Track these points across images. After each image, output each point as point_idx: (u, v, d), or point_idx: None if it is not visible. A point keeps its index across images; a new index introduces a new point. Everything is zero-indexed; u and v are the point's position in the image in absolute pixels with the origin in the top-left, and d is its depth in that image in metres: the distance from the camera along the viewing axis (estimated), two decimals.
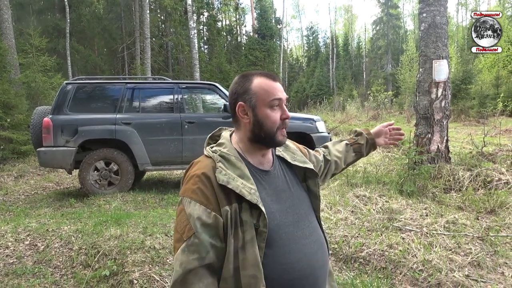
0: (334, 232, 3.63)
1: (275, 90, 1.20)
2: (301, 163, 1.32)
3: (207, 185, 1.11)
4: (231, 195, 1.10)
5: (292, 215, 1.19)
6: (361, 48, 48.22)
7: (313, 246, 1.19)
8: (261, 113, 1.19)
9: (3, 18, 11.26)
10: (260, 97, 1.20)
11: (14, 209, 5.50)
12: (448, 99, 5.45)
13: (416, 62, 24.24)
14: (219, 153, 1.19)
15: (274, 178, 1.24)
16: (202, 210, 1.08)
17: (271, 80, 1.21)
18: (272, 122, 1.19)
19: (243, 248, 1.07)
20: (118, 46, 22.13)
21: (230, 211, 1.08)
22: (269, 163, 1.27)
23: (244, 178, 1.14)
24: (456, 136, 9.77)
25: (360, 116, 19.37)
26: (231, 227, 1.08)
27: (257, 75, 1.23)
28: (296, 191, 1.27)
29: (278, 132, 1.20)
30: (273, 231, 1.11)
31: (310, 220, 1.25)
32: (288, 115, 1.22)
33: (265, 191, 1.17)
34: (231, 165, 1.16)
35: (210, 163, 1.17)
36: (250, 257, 1.06)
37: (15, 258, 3.34)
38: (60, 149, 5.73)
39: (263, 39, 32.38)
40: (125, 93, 6.13)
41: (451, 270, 2.91)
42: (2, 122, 8.66)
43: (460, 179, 5.02)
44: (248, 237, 1.07)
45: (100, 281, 2.99)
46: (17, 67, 11.47)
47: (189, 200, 1.11)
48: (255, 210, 1.10)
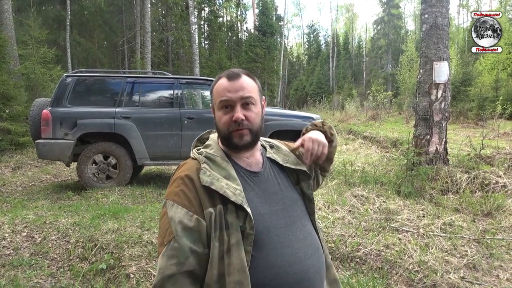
0: (331, 231, 3.64)
1: (224, 91, 1.15)
2: (294, 165, 1.28)
3: (190, 187, 1.09)
4: (215, 196, 1.07)
5: (284, 218, 1.14)
6: (362, 47, 48.23)
7: (307, 250, 1.14)
8: (216, 114, 1.19)
9: (3, 8, 11.18)
10: (213, 99, 1.19)
11: (11, 201, 5.49)
12: (448, 100, 5.46)
13: (416, 63, 24.27)
14: (205, 154, 1.17)
15: (264, 179, 1.20)
16: (184, 213, 1.05)
17: (227, 80, 1.17)
18: (222, 124, 1.16)
19: (228, 252, 1.03)
20: (118, 39, 22.03)
21: (215, 213, 1.05)
22: (258, 165, 1.23)
23: (229, 179, 1.11)
24: (454, 138, 9.79)
25: (359, 116, 19.40)
26: (215, 230, 1.04)
27: (222, 76, 1.20)
28: (289, 193, 1.22)
29: (232, 134, 1.15)
30: (263, 234, 1.08)
31: (304, 223, 1.20)
32: (237, 116, 1.13)
33: (253, 193, 1.14)
34: (217, 166, 1.14)
35: (194, 165, 1.15)
36: (235, 262, 1.01)
37: (12, 249, 3.34)
38: (59, 142, 5.72)
39: (263, 36, 32.31)
40: (125, 87, 6.11)
41: (446, 272, 2.93)
42: (1, 113, 8.62)
43: (457, 181, 5.03)
44: (234, 240, 1.03)
45: (97, 274, 3.00)
46: (16, 58, 11.40)
47: (171, 203, 1.08)
48: (241, 211, 1.06)
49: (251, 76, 1.22)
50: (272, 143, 1.36)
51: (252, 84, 1.19)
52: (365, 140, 11.57)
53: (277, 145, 1.36)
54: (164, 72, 7.45)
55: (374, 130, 12.87)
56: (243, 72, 1.19)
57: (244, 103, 1.15)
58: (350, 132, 13.68)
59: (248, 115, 1.15)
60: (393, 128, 14.06)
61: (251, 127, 1.16)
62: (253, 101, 1.17)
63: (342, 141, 12.07)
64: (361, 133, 12.78)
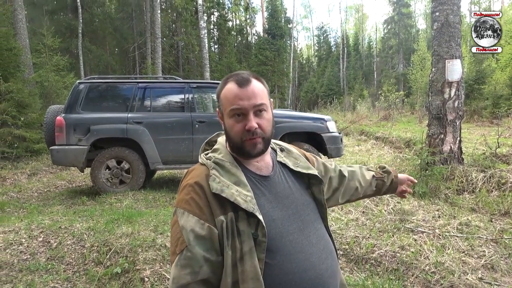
0: (345, 232, 3.61)
1: (236, 98, 1.10)
2: (304, 169, 1.25)
3: (200, 195, 1.06)
4: (226, 203, 1.04)
5: (296, 222, 1.12)
6: (372, 47, 47.87)
7: (321, 255, 1.12)
8: (226, 122, 1.14)
9: (18, 18, 11.43)
10: (223, 106, 1.14)
11: (27, 206, 5.58)
12: (461, 99, 5.38)
13: (428, 62, 23.99)
14: (213, 160, 1.14)
15: (275, 183, 1.16)
16: (195, 222, 1.03)
17: (237, 86, 1.11)
18: (234, 133, 1.12)
19: (241, 260, 1.01)
20: (129, 46, 22.32)
21: (226, 221, 1.03)
22: (268, 169, 1.19)
23: (240, 185, 1.08)
24: (469, 137, 9.63)
25: (371, 116, 19.25)
26: (228, 238, 1.02)
27: (230, 80, 1.15)
28: (300, 197, 1.19)
29: (245, 143, 1.11)
30: (275, 240, 1.05)
31: (317, 227, 1.18)
32: (250, 125, 1.09)
33: (264, 198, 1.11)
34: (226, 171, 1.11)
35: (203, 171, 1.12)
36: (249, 270, 0.99)
37: (28, 254, 3.39)
38: (73, 148, 5.80)
39: (273, 38, 32.34)
40: (136, 93, 6.17)
41: (464, 273, 2.87)
42: (16, 121, 8.79)
43: (473, 181, 4.95)
44: (246, 248, 1.01)
45: (112, 278, 3.02)
46: (30, 66, 11.64)
47: (182, 211, 1.06)
48: (252, 219, 1.03)
49: (259, 80, 1.17)
50: (283, 146, 1.33)
51: (262, 88, 1.15)
52: (378, 141, 11.46)
53: (288, 148, 1.33)
54: (175, 76, 7.50)
55: (386, 130, 12.75)
56: (251, 76, 1.15)
57: (256, 110, 1.11)
58: (362, 133, 13.58)
59: (261, 123, 1.12)
60: (406, 128, 13.91)
61: (264, 135, 1.13)
62: (265, 108, 1.14)
63: (354, 142, 11.99)
64: (373, 133, 12.67)
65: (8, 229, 3.80)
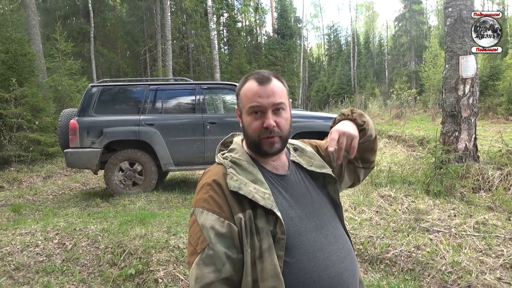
0: (358, 232, 3.57)
1: (255, 96, 1.11)
2: (318, 168, 1.23)
3: (219, 193, 1.06)
4: (244, 201, 1.04)
5: (314, 221, 1.11)
6: (383, 45, 47.42)
7: (340, 253, 1.11)
8: (244, 119, 1.15)
9: (31, 24, 11.64)
10: (242, 103, 1.15)
11: (43, 209, 5.66)
12: (476, 96, 5.28)
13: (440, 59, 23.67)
14: (230, 159, 1.15)
15: (292, 183, 1.17)
16: (215, 219, 1.02)
17: (257, 83, 1.12)
18: (252, 130, 1.12)
19: (260, 258, 1.00)
20: (140, 48, 22.51)
21: (244, 218, 1.03)
22: (284, 168, 1.20)
23: (257, 183, 1.08)
24: (484, 134, 9.46)
25: (382, 115, 19.06)
26: (247, 236, 1.02)
27: (250, 78, 1.15)
28: (317, 196, 1.19)
29: (262, 141, 1.12)
30: (294, 238, 1.05)
31: (335, 226, 1.17)
32: (269, 123, 1.10)
33: (281, 196, 1.11)
34: (243, 170, 1.11)
35: (221, 170, 1.13)
36: (268, 267, 0.99)
37: (44, 256, 3.43)
38: (86, 150, 5.87)
39: (282, 38, 32.27)
40: (148, 95, 6.22)
41: (481, 273, 2.81)
42: (31, 125, 8.95)
43: (489, 179, 4.85)
44: (266, 245, 1.01)
45: (126, 279, 3.04)
46: (44, 71, 11.83)
47: (201, 210, 1.06)
48: (271, 216, 1.03)
49: (280, 79, 1.18)
50: (296, 145, 1.32)
51: (282, 88, 1.16)
52: (390, 139, 11.33)
53: (301, 147, 1.31)
54: (186, 78, 7.54)
55: (399, 129, 12.61)
56: (272, 75, 1.15)
57: (275, 109, 1.12)
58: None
59: (279, 121, 1.12)
60: (419, 126, 13.73)
61: (282, 134, 1.13)
62: (284, 107, 1.14)
63: None
64: (385, 132, 12.52)
65: (24, 231, 3.86)
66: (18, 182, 7.70)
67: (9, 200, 6.35)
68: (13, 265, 3.27)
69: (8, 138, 8.45)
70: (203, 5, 22.03)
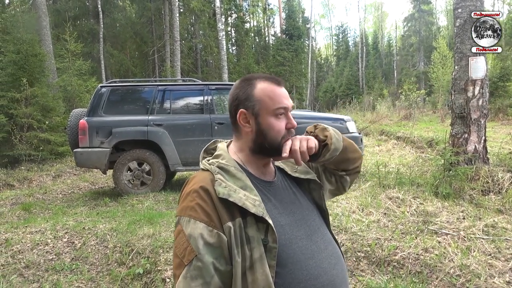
0: (366, 234, 3.55)
1: (281, 97, 1.10)
2: (303, 174, 1.22)
3: (207, 200, 1.00)
4: (234, 209, 0.99)
5: (304, 228, 1.09)
6: (392, 46, 47.13)
7: (331, 260, 1.09)
8: (264, 122, 1.10)
9: (42, 25, 11.77)
10: (264, 105, 1.09)
11: (52, 208, 5.73)
12: (486, 97, 5.23)
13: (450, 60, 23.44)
14: (217, 165, 1.09)
15: (279, 189, 1.14)
16: (203, 228, 0.96)
17: (276, 85, 1.11)
18: (276, 132, 1.09)
19: (251, 268, 0.96)
20: (149, 49, 22.65)
21: (234, 227, 0.98)
22: (271, 174, 1.18)
23: (246, 189, 1.04)
24: (494, 136, 9.35)
25: (391, 116, 18.93)
26: (237, 246, 0.97)
27: (260, 79, 1.13)
28: (304, 202, 1.17)
29: (282, 143, 1.10)
30: (285, 246, 1.02)
31: (324, 233, 1.15)
32: (293, 124, 1.12)
33: (270, 203, 1.07)
34: (231, 176, 1.06)
35: (208, 176, 1.07)
36: (260, 278, 0.94)
37: (54, 254, 3.48)
38: (95, 150, 5.92)
39: (290, 39, 32.27)
40: (156, 95, 6.27)
41: (490, 276, 2.79)
42: (41, 125, 9.06)
43: (499, 181, 4.79)
44: (257, 255, 0.96)
45: (134, 278, 3.07)
46: (54, 71, 11.96)
47: (187, 219, 0.99)
48: (261, 224, 0.99)
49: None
50: None
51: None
52: (399, 141, 11.26)
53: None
54: (194, 79, 7.58)
55: (407, 130, 12.51)
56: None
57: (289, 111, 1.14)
58: (382, 133, 13.37)
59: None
60: (428, 127, 13.62)
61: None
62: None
63: (374, 142, 11.82)
64: (394, 133, 12.45)
65: (34, 230, 3.92)
66: (28, 181, 7.80)
67: (19, 198, 6.43)
68: (24, 263, 3.32)
69: (19, 137, 8.56)
70: (211, 6, 22.11)
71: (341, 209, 4.22)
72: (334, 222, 3.79)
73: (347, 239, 3.45)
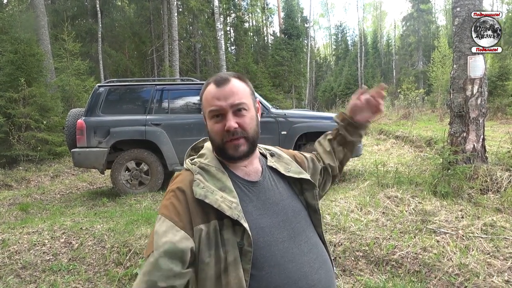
0: (364, 233, 3.54)
1: (213, 99, 1.07)
2: (296, 173, 1.19)
3: (181, 200, 1.01)
4: (210, 211, 0.99)
5: (287, 230, 1.06)
6: (391, 45, 47.14)
7: (313, 264, 1.06)
8: (208, 124, 1.11)
9: (40, 24, 11.75)
10: (204, 108, 1.12)
11: (50, 208, 5.71)
12: (484, 96, 5.22)
13: (449, 59, 23.44)
14: (198, 165, 1.09)
15: (264, 189, 1.11)
16: (168, 227, 0.96)
17: (215, 86, 1.08)
18: (214, 134, 1.08)
19: (225, 271, 0.95)
20: (147, 49, 22.60)
21: (208, 229, 0.97)
22: (257, 174, 1.14)
23: (225, 190, 1.02)
24: (492, 135, 9.35)
25: (390, 115, 18.95)
26: (210, 248, 0.96)
27: (210, 82, 1.12)
28: (291, 203, 1.13)
29: (227, 145, 1.06)
30: (263, 249, 1.00)
31: (309, 236, 1.12)
32: (230, 125, 1.04)
33: (252, 204, 1.06)
34: (211, 177, 1.05)
35: (187, 176, 1.07)
36: (233, 282, 0.94)
37: (51, 255, 3.46)
38: (93, 150, 5.91)
39: (289, 38, 32.22)
40: (154, 95, 6.25)
41: (489, 275, 2.78)
42: (39, 124, 9.03)
43: (498, 180, 4.79)
44: (231, 258, 0.95)
45: (132, 279, 3.06)
46: (52, 71, 11.94)
47: (159, 217, 1.01)
48: (238, 226, 0.98)
49: (242, 79, 1.13)
50: (273, 151, 1.27)
51: (243, 87, 1.11)
52: (397, 140, 11.26)
53: (278, 153, 1.27)
54: (192, 78, 7.56)
55: (406, 129, 12.52)
56: (232, 75, 1.11)
57: (235, 110, 1.07)
58: (381, 132, 13.37)
59: (241, 122, 1.07)
60: (427, 126, 13.62)
61: (246, 134, 1.08)
62: (245, 107, 1.08)
63: (373, 141, 11.82)
64: (392, 132, 12.46)
65: (31, 230, 3.90)
66: (26, 181, 7.78)
67: (17, 199, 6.41)
68: (20, 264, 3.30)
69: (16, 137, 8.53)
70: (209, 5, 22.07)
71: (340, 208, 4.20)
72: (332, 221, 3.78)
73: (346, 238, 3.44)
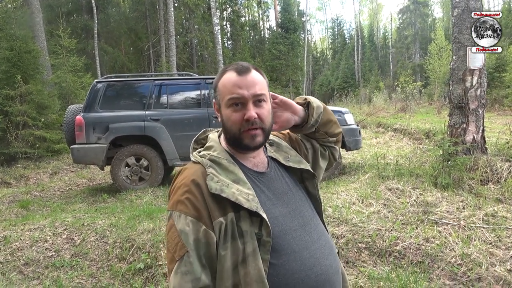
0: (366, 225, 3.55)
1: (235, 87, 1.05)
2: (297, 163, 1.19)
3: (197, 195, 0.99)
4: (226, 203, 0.98)
5: (297, 219, 1.08)
6: (387, 38, 47.05)
7: (324, 250, 1.08)
8: (224, 113, 1.08)
9: (35, 21, 11.65)
10: (221, 96, 1.08)
11: (50, 205, 5.70)
12: (484, 87, 5.22)
13: (446, 51, 23.43)
14: (209, 157, 1.07)
15: (272, 180, 1.12)
16: (193, 224, 0.96)
17: (237, 74, 1.06)
18: (232, 123, 1.06)
19: (243, 262, 0.95)
20: (143, 44, 22.48)
21: (226, 222, 0.97)
22: (264, 164, 1.15)
23: (239, 183, 1.02)
24: (490, 126, 9.37)
25: (387, 108, 18.96)
26: (227, 241, 0.96)
27: (229, 69, 1.09)
28: (297, 192, 1.15)
29: (243, 135, 1.05)
30: (279, 238, 1.01)
31: (316, 223, 1.13)
32: (250, 114, 1.03)
33: (264, 195, 1.06)
34: (224, 169, 1.04)
35: (199, 169, 1.05)
36: (252, 272, 0.94)
37: (53, 251, 3.46)
38: (92, 146, 5.88)
39: (286, 32, 32.15)
40: (153, 90, 6.21)
41: (491, 265, 2.80)
42: (37, 122, 8.97)
43: (498, 170, 4.80)
44: (250, 249, 0.96)
45: (135, 273, 3.06)
46: (49, 68, 11.85)
47: (178, 214, 0.99)
48: (255, 218, 0.98)
49: (259, 71, 1.12)
50: (272, 140, 1.26)
51: (262, 79, 1.10)
52: (396, 133, 11.28)
53: (276, 142, 1.26)
54: (190, 73, 7.53)
55: (404, 122, 12.53)
56: (252, 66, 1.10)
57: (256, 100, 1.06)
58: (379, 125, 13.39)
59: (261, 113, 1.06)
60: (425, 119, 13.64)
61: (264, 126, 1.07)
62: (265, 98, 1.08)
63: (372, 134, 11.84)
64: (391, 125, 12.47)
65: (33, 227, 3.89)
66: (25, 179, 7.75)
67: (17, 196, 6.39)
68: (23, 260, 3.30)
69: (14, 135, 8.48)
70: (205, 0, 21.95)
71: (341, 200, 4.21)
72: (334, 214, 3.78)
73: (348, 231, 3.45)
